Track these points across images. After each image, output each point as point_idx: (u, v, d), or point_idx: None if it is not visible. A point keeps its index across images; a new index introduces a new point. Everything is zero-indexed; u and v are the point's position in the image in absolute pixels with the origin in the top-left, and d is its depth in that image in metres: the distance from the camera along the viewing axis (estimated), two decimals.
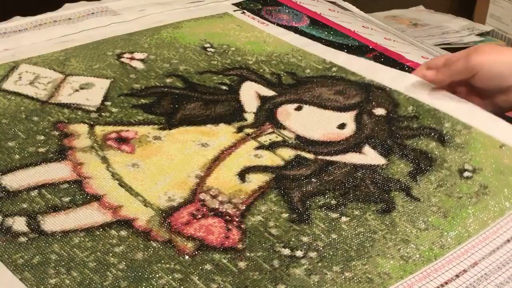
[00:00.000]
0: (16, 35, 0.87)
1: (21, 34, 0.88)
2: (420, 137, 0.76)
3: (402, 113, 0.79)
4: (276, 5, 1.03)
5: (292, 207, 0.66)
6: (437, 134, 0.76)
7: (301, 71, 0.86)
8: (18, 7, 0.92)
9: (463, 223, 0.65)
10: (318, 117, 0.78)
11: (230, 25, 0.95)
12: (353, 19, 1.07)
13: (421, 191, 0.69)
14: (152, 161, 0.69)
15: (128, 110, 0.76)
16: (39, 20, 0.90)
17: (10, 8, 0.93)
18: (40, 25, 0.90)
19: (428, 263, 0.61)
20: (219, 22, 0.95)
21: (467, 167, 0.72)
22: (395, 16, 1.76)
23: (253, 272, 0.59)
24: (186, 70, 0.83)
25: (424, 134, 0.76)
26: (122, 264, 0.58)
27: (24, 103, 0.75)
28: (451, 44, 1.53)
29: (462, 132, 0.76)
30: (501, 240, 0.64)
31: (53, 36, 0.88)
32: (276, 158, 0.71)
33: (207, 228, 0.62)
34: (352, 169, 0.71)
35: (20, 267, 0.57)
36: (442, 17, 1.75)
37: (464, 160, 0.72)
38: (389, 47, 0.98)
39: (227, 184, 0.67)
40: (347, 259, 0.61)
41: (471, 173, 0.71)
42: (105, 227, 0.61)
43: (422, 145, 0.75)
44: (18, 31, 0.89)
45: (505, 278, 0.60)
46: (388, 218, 0.65)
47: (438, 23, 1.69)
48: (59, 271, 0.57)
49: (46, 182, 0.65)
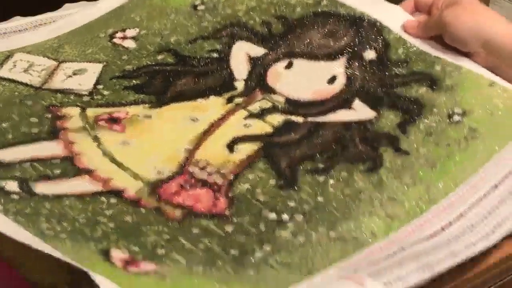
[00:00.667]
0: (16, 35, 0.89)
1: (21, 34, 0.90)
2: (410, 84, 0.75)
3: (393, 56, 0.79)
4: None
5: (279, 174, 0.67)
6: (427, 79, 0.75)
7: (292, 12, 0.85)
8: (18, 7, 0.93)
9: (451, 173, 0.65)
10: (308, 72, 0.78)
11: None
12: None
13: (409, 143, 0.69)
14: (142, 138, 0.71)
15: (119, 92, 0.77)
16: (39, 20, 0.91)
17: (10, 8, 0.93)
18: (40, 25, 0.91)
19: (414, 218, 0.62)
20: None
21: (456, 110, 0.71)
22: None
23: (240, 235, 0.60)
24: (177, 41, 0.84)
25: (414, 80, 0.75)
26: (112, 224, 0.59)
27: (18, 89, 0.77)
28: None
29: (452, 74, 0.75)
30: (488, 187, 0.63)
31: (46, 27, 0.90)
32: (265, 125, 0.72)
33: (195, 197, 0.64)
34: (341, 128, 0.71)
35: (13, 214, 0.59)
36: None
37: (453, 104, 0.72)
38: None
39: (215, 156, 0.69)
40: (333, 220, 0.62)
41: (460, 117, 0.70)
42: (95, 195, 0.62)
43: (412, 92, 0.74)
44: (18, 31, 0.90)
45: (491, 227, 0.60)
46: (376, 176, 0.66)
47: None
48: (50, 221, 0.58)
49: (38, 157, 0.67)
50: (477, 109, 0.71)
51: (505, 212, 0.61)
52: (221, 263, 0.57)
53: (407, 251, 0.57)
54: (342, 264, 0.58)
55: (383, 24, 0.81)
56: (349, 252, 0.59)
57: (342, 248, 0.59)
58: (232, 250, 0.58)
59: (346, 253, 0.59)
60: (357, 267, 0.56)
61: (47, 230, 0.58)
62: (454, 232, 0.59)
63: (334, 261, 0.58)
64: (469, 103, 0.71)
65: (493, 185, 0.63)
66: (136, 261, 0.56)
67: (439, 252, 0.56)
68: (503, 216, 0.60)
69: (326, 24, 0.83)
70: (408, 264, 0.55)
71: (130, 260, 0.56)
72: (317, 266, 0.57)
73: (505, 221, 0.60)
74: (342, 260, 0.58)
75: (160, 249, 0.58)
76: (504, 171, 0.64)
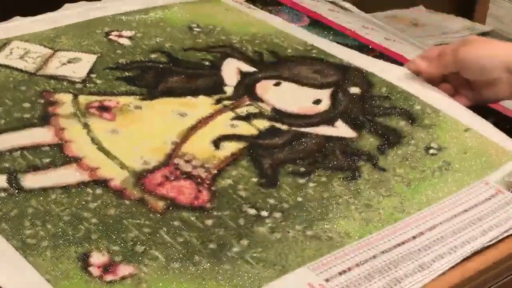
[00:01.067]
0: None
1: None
2: (391, 116, 0.79)
3: (376, 93, 0.82)
4: (276, 5, 1.05)
5: (262, 173, 0.69)
6: (407, 114, 0.79)
7: (283, 51, 0.89)
8: (18, 7, 0.93)
9: (425, 192, 0.68)
10: (295, 93, 0.82)
11: (218, 8, 0.98)
12: (353, 19, 1.09)
13: (387, 163, 0.72)
14: (131, 128, 0.73)
15: (112, 82, 0.79)
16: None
17: (10, 8, 0.94)
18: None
19: (388, 225, 0.64)
20: (206, 5, 0.99)
21: (433, 145, 0.75)
22: (395, 16, 1.78)
23: (218, 228, 0.62)
24: (171, 47, 0.87)
25: (395, 114, 0.79)
26: (95, 219, 0.61)
27: (13, 74, 0.79)
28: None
29: (430, 115, 0.79)
30: (459, 210, 0.67)
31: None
32: (251, 128, 0.75)
33: (179, 189, 0.66)
34: (323, 140, 0.74)
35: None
36: (442, 17, 1.76)
37: (430, 139, 0.76)
38: (389, 47, 1.00)
39: (201, 150, 0.71)
40: (310, 219, 0.64)
41: (436, 151, 0.74)
42: (81, 186, 0.64)
43: (392, 123, 0.78)
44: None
45: (460, 242, 0.63)
46: (353, 184, 0.68)
47: (438, 23, 1.70)
48: (34, 224, 0.60)
49: (28, 144, 0.69)
50: (452, 147, 0.75)
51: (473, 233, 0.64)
52: (199, 257, 0.59)
53: (377, 260, 0.60)
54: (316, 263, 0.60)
55: (368, 71, 0.86)
56: (323, 252, 0.61)
57: (317, 246, 0.61)
58: (210, 244, 0.60)
59: (320, 252, 0.61)
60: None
61: (29, 238, 0.59)
62: (424, 242, 0.62)
63: (309, 260, 0.60)
64: (445, 141, 0.76)
65: (463, 210, 0.67)
66: (114, 264, 0.58)
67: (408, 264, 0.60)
68: (471, 235, 0.64)
69: (315, 65, 0.87)
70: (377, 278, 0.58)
71: (108, 264, 0.58)
72: (291, 263, 0.59)
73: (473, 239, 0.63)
74: (316, 259, 0.60)
75: (140, 246, 0.59)
76: (474, 201, 0.68)
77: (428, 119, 0.79)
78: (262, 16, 0.99)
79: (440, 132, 0.77)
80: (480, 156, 0.73)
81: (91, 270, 0.57)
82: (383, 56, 0.96)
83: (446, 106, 0.81)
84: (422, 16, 1.78)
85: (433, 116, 0.79)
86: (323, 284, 0.57)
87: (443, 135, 0.76)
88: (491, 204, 0.67)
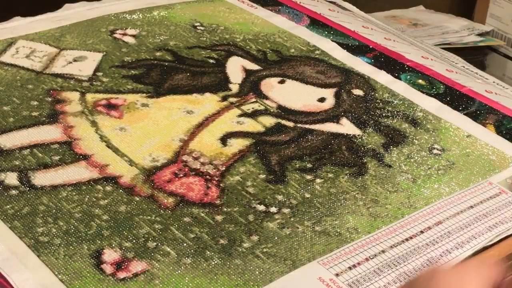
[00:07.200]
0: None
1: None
2: (394, 118, 0.80)
3: (379, 97, 0.83)
4: (276, 5, 1.06)
5: (269, 169, 0.69)
6: (409, 119, 0.80)
7: (286, 50, 0.90)
8: (18, 7, 0.94)
9: (431, 187, 0.69)
10: (300, 91, 0.82)
11: (220, 8, 0.99)
12: (353, 19, 1.09)
13: (392, 160, 0.73)
14: (139, 125, 0.73)
15: (118, 80, 0.80)
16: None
17: (10, 8, 0.95)
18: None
19: (395, 220, 0.65)
20: (209, 4, 0.99)
21: (436, 146, 0.76)
22: (395, 16, 1.78)
23: (228, 224, 0.63)
24: (175, 45, 0.88)
25: (398, 116, 0.80)
26: (106, 216, 0.62)
27: (20, 73, 0.79)
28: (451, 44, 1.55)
29: (432, 121, 0.80)
30: (465, 206, 0.68)
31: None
32: (257, 125, 0.75)
33: (188, 186, 0.66)
34: (329, 137, 0.75)
35: (10, 216, 0.61)
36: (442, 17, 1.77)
37: (433, 141, 0.77)
38: (389, 47, 1.00)
39: (209, 148, 0.71)
40: (318, 215, 0.65)
41: (440, 151, 0.75)
42: (91, 183, 0.65)
43: (396, 124, 0.78)
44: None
45: (466, 238, 0.64)
46: (360, 180, 0.69)
47: (438, 23, 1.71)
48: (46, 221, 0.61)
49: (37, 142, 0.69)
50: (454, 149, 0.76)
51: (479, 228, 0.65)
52: (210, 253, 0.60)
53: (386, 254, 0.61)
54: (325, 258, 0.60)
55: (370, 77, 0.87)
56: (333, 247, 0.61)
57: (326, 242, 0.62)
58: (221, 240, 0.61)
59: (329, 247, 0.61)
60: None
61: (41, 236, 0.59)
62: (432, 237, 0.63)
63: (318, 255, 0.60)
64: (446, 144, 0.76)
65: (468, 206, 0.68)
66: (126, 260, 0.58)
67: (417, 259, 0.60)
68: (477, 231, 0.65)
69: (318, 66, 0.88)
70: (386, 272, 0.59)
71: (121, 261, 0.58)
72: (301, 258, 0.60)
73: (479, 235, 0.64)
74: (325, 254, 0.61)
75: (151, 242, 0.60)
76: (479, 198, 0.69)
77: (430, 124, 0.80)
78: (264, 14, 0.99)
79: (442, 136, 0.78)
80: (482, 159, 0.74)
81: (104, 268, 0.57)
82: (383, 56, 0.96)
83: (447, 115, 0.82)
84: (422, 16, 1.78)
85: (435, 122, 0.80)
86: (333, 279, 0.58)
87: (445, 138, 0.77)
88: (495, 202, 0.68)
